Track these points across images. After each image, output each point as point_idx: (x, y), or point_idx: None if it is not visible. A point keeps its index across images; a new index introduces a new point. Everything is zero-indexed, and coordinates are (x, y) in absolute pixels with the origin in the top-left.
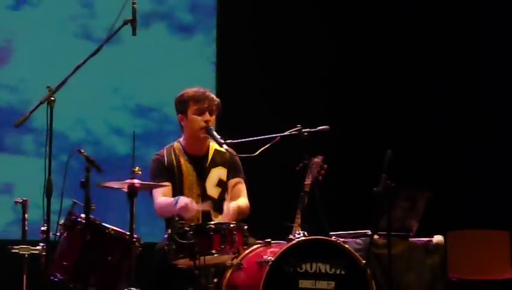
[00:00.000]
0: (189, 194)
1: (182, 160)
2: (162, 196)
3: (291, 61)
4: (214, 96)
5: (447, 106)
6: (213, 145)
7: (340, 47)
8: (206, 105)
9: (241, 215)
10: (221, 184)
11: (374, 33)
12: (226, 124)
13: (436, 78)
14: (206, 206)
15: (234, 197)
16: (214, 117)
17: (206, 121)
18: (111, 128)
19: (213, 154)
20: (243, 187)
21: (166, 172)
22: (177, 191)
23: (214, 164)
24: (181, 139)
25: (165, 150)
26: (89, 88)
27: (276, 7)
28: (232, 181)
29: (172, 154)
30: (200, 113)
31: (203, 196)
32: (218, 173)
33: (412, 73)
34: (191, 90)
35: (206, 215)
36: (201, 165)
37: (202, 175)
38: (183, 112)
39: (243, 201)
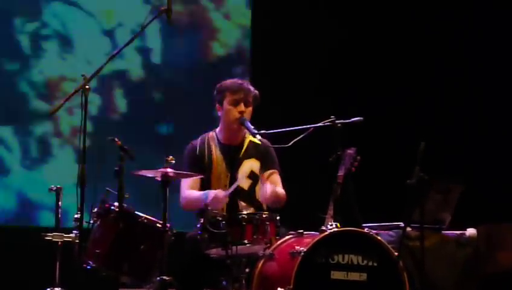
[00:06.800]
0: (217, 184)
1: (214, 150)
2: (189, 188)
3: (324, 52)
4: (251, 88)
5: (480, 97)
6: (249, 137)
7: (374, 39)
8: (241, 96)
9: (277, 201)
10: (253, 176)
11: (407, 24)
12: (259, 115)
13: (470, 69)
14: (233, 186)
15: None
16: (250, 109)
17: (241, 112)
18: None
19: (247, 146)
20: (278, 178)
21: (198, 162)
22: (205, 181)
23: (248, 155)
24: (217, 129)
25: (199, 139)
26: None
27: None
28: (267, 173)
29: (206, 143)
30: (236, 104)
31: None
32: (250, 164)
33: (445, 64)
34: (228, 81)
35: (233, 206)
36: (234, 155)
37: (233, 166)
38: (220, 102)
39: (280, 189)
